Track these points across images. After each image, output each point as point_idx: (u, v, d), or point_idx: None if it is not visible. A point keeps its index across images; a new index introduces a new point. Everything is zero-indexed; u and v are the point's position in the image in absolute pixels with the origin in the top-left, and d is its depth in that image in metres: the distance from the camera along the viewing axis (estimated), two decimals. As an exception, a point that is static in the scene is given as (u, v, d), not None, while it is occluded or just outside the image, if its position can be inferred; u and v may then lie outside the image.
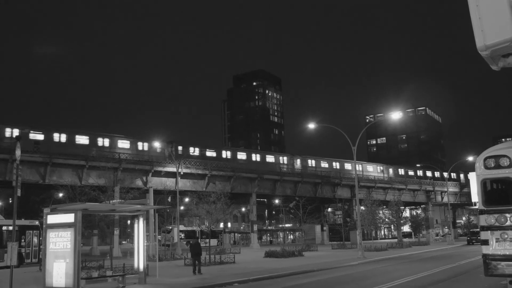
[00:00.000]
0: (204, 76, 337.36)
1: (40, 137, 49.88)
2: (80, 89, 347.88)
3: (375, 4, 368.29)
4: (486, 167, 12.13)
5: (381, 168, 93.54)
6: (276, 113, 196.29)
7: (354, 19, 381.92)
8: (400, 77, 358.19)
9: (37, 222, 34.81)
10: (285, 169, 72.67)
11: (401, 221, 64.40)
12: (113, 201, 31.35)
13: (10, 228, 19.76)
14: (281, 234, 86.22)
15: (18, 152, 18.58)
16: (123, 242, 64.52)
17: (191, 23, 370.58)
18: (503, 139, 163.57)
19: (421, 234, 72.96)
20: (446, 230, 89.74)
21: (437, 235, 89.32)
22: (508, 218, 11.61)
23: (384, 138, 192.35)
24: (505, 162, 11.83)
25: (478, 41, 5.82)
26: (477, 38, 5.83)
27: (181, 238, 59.59)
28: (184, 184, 55.22)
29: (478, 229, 13.74)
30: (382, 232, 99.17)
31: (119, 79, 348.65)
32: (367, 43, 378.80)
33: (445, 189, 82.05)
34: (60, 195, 49.87)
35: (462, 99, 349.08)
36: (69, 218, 16.24)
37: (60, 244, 16.15)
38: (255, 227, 66.55)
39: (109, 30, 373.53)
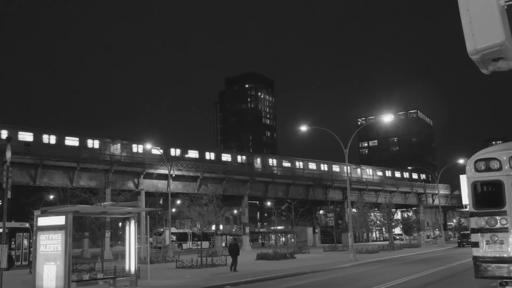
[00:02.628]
0: (196, 78, 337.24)
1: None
2: (75, 91, 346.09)
3: (367, 8, 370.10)
4: (477, 170, 12.21)
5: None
6: (268, 115, 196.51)
7: (346, 22, 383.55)
8: (392, 80, 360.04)
9: (27, 225, 34.56)
10: (276, 171, 72.77)
11: (393, 223, 64.61)
12: (105, 203, 31.13)
13: (0, 230, 19.59)
14: (273, 236, 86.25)
15: (8, 154, 18.46)
16: (119, 242, 64.03)
17: (183, 26, 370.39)
18: (493, 142, 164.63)
19: (412, 237, 73.27)
20: (437, 232, 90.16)
21: (428, 237, 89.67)
22: (498, 221, 11.69)
23: (376, 140, 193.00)
24: (495, 165, 11.92)
25: (469, 45, 5.86)
26: (467, 42, 5.88)
27: (172, 241, 59.41)
28: (176, 186, 55.09)
29: (469, 232, 13.82)
30: (374, 234, 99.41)
31: (111, 82, 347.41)
32: (359, 46, 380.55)
33: (436, 192, 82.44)
34: (51, 197, 49.59)
35: (453, 102, 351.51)
36: (59, 220, 16.11)
37: (50, 246, 16.01)
38: (247, 229, 66.55)
39: (102, 32, 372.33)
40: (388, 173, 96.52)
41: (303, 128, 42.38)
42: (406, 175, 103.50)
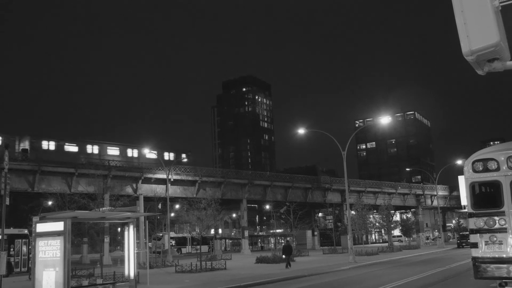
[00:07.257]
0: (193, 82, 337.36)
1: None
2: (71, 95, 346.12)
3: (364, 11, 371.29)
4: (475, 171, 12.24)
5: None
6: (266, 119, 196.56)
7: (342, 25, 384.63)
8: (389, 81, 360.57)
9: (26, 231, 34.51)
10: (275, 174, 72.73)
11: (392, 225, 64.66)
12: (103, 208, 31.11)
13: (-1, 237, 19.59)
14: (272, 240, 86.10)
15: (6, 160, 18.46)
16: (117, 247, 63.58)
17: (180, 30, 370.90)
18: (491, 143, 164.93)
19: (411, 238, 73.32)
20: (437, 233, 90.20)
21: (427, 238, 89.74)
22: (497, 221, 11.71)
23: (374, 142, 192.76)
24: (493, 165, 11.95)
25: (464, 46, 5.88)
26: (462, 44, 5.89)
27: (171, 245, 59.27)
28: (174, 190, 55.04)
29: (468, 232, 13.86)
30: (373, 236, 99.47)
31: (107, 87, 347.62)
32: (356, 49, 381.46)
33: (435, 193, 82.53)
34: (49, 203, 49.46)
35: (450, 104, 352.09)
36: (58, 226, 16.07)
37: (49, 252, 15.98)
38: (246, 233, 66.47)
39: (95, 36, 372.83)
40: (133, 153, 61.49)
41: (301, 131, 42.41)
42: (170, 156, 64.83)
